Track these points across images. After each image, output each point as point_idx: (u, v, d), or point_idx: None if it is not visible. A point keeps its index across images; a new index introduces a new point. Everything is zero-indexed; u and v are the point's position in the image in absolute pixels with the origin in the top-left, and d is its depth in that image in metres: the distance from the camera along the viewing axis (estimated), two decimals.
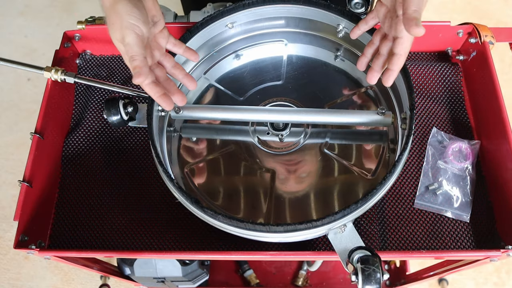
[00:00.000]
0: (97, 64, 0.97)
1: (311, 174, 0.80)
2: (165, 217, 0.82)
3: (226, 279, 1.37)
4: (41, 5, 2.11)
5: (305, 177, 0.80)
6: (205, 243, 0.79)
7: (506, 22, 1.98)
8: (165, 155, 0.80)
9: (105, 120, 0.91)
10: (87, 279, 1.58)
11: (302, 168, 0.81)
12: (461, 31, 0.90)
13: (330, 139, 0.82)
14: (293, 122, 0.82)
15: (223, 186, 0.80)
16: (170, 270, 1.01)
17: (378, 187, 0.66)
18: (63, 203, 0.84)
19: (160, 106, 0.78)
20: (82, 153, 0.88)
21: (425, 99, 0.90)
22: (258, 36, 0.88)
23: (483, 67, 0.86)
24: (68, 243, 0.81)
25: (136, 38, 0.66)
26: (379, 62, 0.73)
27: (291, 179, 0.80)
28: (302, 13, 0.83)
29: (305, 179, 0.80)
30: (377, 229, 0.79)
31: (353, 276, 0.60)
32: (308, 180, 0.80)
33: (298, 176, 0.80)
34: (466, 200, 0.80)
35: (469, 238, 0.78)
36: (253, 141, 0.83)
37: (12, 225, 1.67)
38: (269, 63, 0.90)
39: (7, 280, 1.59)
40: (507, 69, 1.86)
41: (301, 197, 0.78)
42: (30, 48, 2.01)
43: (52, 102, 0.86)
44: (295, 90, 0.87)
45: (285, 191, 0.79)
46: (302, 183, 0.79)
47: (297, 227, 0.64)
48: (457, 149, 0.83)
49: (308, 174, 0.80)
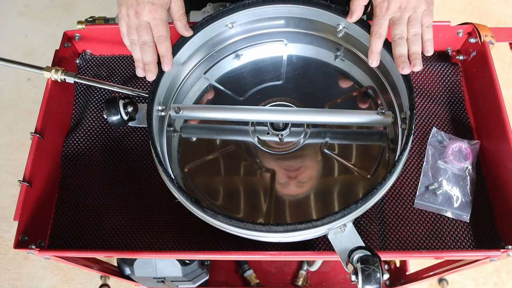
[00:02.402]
0: (97, 64, 0.97)
1: (311, 174, 0.80)
2: (165, 217, 0.82)
3: (226, 279, 1.37)
4: (41, 5, 2.11)
5: (305, 177, 0.80)
6: (205, 243, 0.79)
7: (506, 22, 1.98)
8: (165, 155, 0.80)
9: (105, 120, 0.91)
10: (87, 279, 1.58)
11: (302, 168, 0.81)
12: (461, 31, 0.90)
13: (330, 139, 0.82)
14: (293, 122, 0.82)
15: (223, 186, 0.80)
16: (170, 270, 1.01)
17: (378, 187, 0.66)
18: (63, 203, 0.84)
19: (160, 106, 0.78)
20: (82, 153, 0.88)
21: (425, 99, 0.90)
22: (258, 36, 0.88)
23: (483, 67, 0.86)
24: (68, 243, 0.81)
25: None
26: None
27: (291, 179, 0.80)
28: (302, 13, 0.83)
29: (305, 179, 0.80)
30: (377, 229, 0.79)
31: (353, 276, 0.60)
32: (308, 180, 0.80)
33: (298, 176, 0.80)
34: (466, 200, 0.80)
35: (469, 238, 0.78)
36: (253, 141, 0.83)
37: (12, 225, 1.67)
38: (269, 63, 0.90)
39: (7, 280, 1.59)
40: (507, 69, 1.86)
41: (301, 197, 0.78)
42: (30, 48, 2.01)
43: (52, 102, 0.86)
44: (295, 90, 0.87)
45: (285, 192, 0.79)
46: (301, 183, 0.79)
47: (297, 227, 0.64)
48: (457, 149, 0.83)
49: (307, 174, 0.80)
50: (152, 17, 0.73)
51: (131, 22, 0.73)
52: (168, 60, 0.75)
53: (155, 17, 0.73)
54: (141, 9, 0.72)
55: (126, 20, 0.74)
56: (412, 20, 0.74)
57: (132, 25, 0.74)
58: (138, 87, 0.94)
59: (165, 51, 0.75)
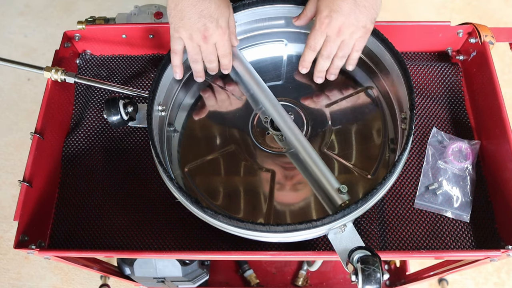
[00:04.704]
0: (97, 64, 0.97)
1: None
2: (165, 217, 0.82)
3: (226, 279, 1.37)
4: (41, 5, 2.11)
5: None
6: (205, 243, 0.79)
7: (506, 22, 1.98)
8: (165, 155, 0.80)
9: (105, 120, 0.91)
10: (87, 279, 1.58)
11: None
12: (461, 31, 0.90)
13: (329, 138, 0.82)
14: (284, 133, 0.81)
15: (223, 186, 0.80)
16: (170, 270, 1.01)
17: (378, 187, 0.66)
18: (63, 203, 0.84)
19: (160, 106, 0.78)
20: (82, 153, 0.88)
21: (425, 99, 0.90)
22: (258, 36, 0.88)
23: (483, 67, 0.86)
24: (68, 243, 0.81)
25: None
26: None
27: (291, 179, 0.80)
28: None
29: (305, 179, 0.80)
30: (377, 229, 0.79)
31: (353, 276, 0.60)
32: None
33: (298, 176, 0.80)
34: (466, 200, 0.80)
35: (469, 238, 0.78)
36: (253, 141, 0.83)
37: (12, 225, 1.67)
38: (269, 63, 0.90)
39: (7, 280, 1.59)
40: (507, 69, 1.86)
41: (301, 197, 0.78)
42: (30, 48, 2.01)
43: (52, 102, 0.86)
44: (295, 90, 0.87)
45: (285, 192, 0.79)
46: (301, 183, 0.79)
47: (297, 227, 0.64)
48: (457, 149, 0.83)
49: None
50: (220, 39, 0.76)
51: (194, 44, 0.76)
52: (228, 67, 0.82)
53: (223, 39, 0.76)
54: (209, 35, 0.74)
55: (188, 42, 0.76)
56: (344, 45, 0.77)
57: (196, 46, 0.76)
58: (138, 87, 0.94)
59: (228, 62, 0.81)
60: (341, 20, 0.73)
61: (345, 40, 0.76)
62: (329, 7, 0.73)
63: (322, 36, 0.76)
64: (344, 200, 0.72)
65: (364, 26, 0.74)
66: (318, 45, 0.78)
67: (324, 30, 0.75)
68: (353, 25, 0.73)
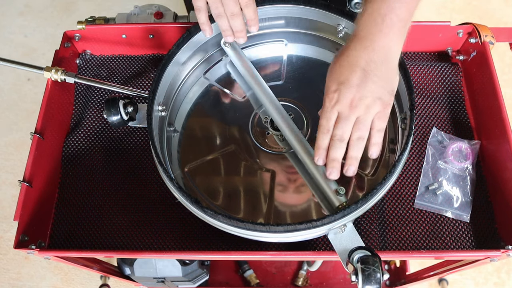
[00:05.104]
0: (97, 64, 0.97)
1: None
2: (165, 217, 0.82)
3: (226, 279, 1.37)
4: (41, 5, 2.11)
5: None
6: (205, 243, 0.79)
7: (506, 22, 1.98)
8: (165, 155, 0.80)
9: (105, 120, 0.91)
10: (87, 279, 1.58)
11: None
12: (461, 31, 0.90)
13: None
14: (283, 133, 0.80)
15: (223, 186, 0.80)
16: (170, 270, 1.01)
17: (378, 187, 0.66)
18: (63, 203, 0.84)
19: (160, 106, 0.78)
20: (82, 153, 0.88)
21: (425, 99, 0.90)
22: (258, 36, 0.88)
23: (483, 67, 0.86)
24: (68, 243, 0.81)
25: None
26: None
27: (291, 179, 0.80)
28: (302, 13, 0.83)
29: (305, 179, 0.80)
30: (377, 229, 0.79)
31: (353, 276, 0.60)
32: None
33: (298, 176, 0.80)
34: (466, 200, 0.80)
35: (469, 238, 0.78)
36: (253, 141, 0.83)
37: (12, 225, 1.67)
38: (269, 63, 0.90)
39: (7, 280, 1.59)
40: (507, 69, 1.86)
41: (301, 197, 0.78)
42: (30, 48, 2.01)
43: (52, 102, 0.86)
44: (295, 90, 0.87)
45: (285, 192, 0.79)
46: (301, 183, 0.79)
47: (297, 227, 0.64)
48: (457, 149, 0.83)
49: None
50: None
51: None
52: (255, 22, 0.78)
53: None
54: None
55: None
56: (360, 123, 0.66)
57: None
58: (138, 87, 0.94)
59: (252, 13, 0.77)
60: (351, 92, 0.64)
61: (361, 117, 0.66)
62: (337, 80, 0.66)
63: (334, 114, 0.67)
64: (342, 202, 0.71)
65: (380, 97, 0.65)
66: (332, 124, 0.67)
67: (333, 107, 0.66)
68: (367, 97, 0.64)
